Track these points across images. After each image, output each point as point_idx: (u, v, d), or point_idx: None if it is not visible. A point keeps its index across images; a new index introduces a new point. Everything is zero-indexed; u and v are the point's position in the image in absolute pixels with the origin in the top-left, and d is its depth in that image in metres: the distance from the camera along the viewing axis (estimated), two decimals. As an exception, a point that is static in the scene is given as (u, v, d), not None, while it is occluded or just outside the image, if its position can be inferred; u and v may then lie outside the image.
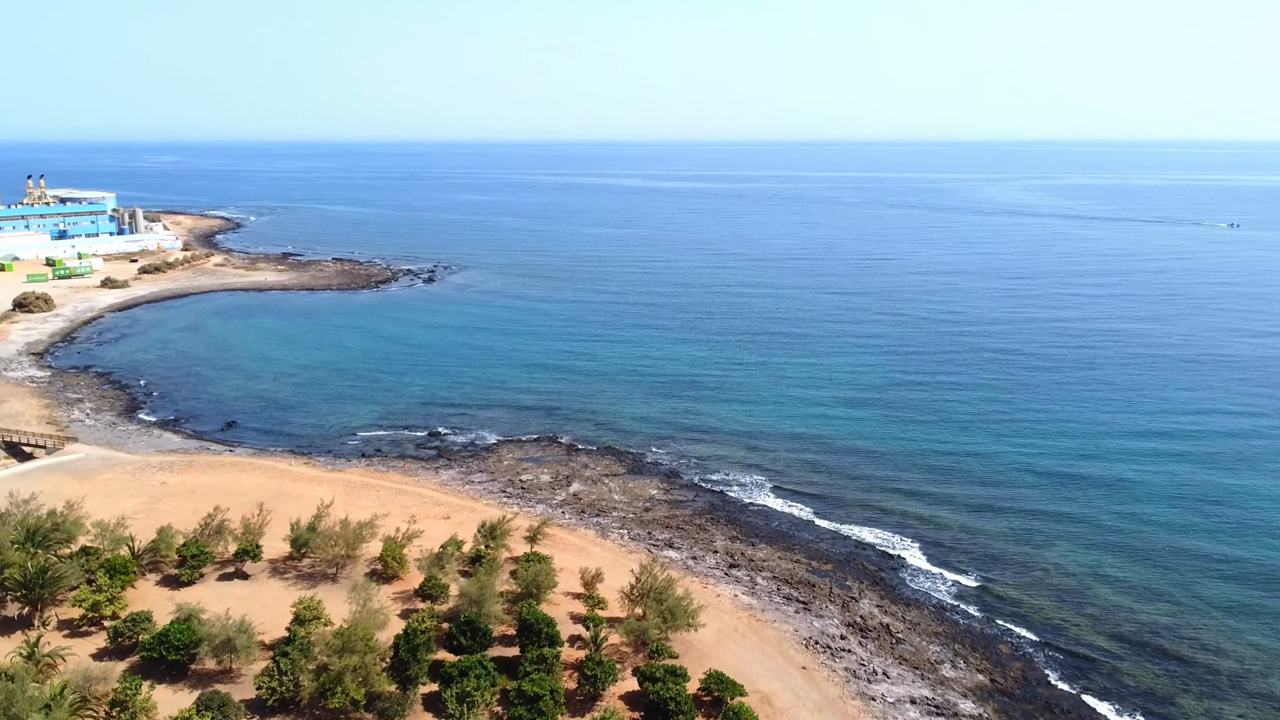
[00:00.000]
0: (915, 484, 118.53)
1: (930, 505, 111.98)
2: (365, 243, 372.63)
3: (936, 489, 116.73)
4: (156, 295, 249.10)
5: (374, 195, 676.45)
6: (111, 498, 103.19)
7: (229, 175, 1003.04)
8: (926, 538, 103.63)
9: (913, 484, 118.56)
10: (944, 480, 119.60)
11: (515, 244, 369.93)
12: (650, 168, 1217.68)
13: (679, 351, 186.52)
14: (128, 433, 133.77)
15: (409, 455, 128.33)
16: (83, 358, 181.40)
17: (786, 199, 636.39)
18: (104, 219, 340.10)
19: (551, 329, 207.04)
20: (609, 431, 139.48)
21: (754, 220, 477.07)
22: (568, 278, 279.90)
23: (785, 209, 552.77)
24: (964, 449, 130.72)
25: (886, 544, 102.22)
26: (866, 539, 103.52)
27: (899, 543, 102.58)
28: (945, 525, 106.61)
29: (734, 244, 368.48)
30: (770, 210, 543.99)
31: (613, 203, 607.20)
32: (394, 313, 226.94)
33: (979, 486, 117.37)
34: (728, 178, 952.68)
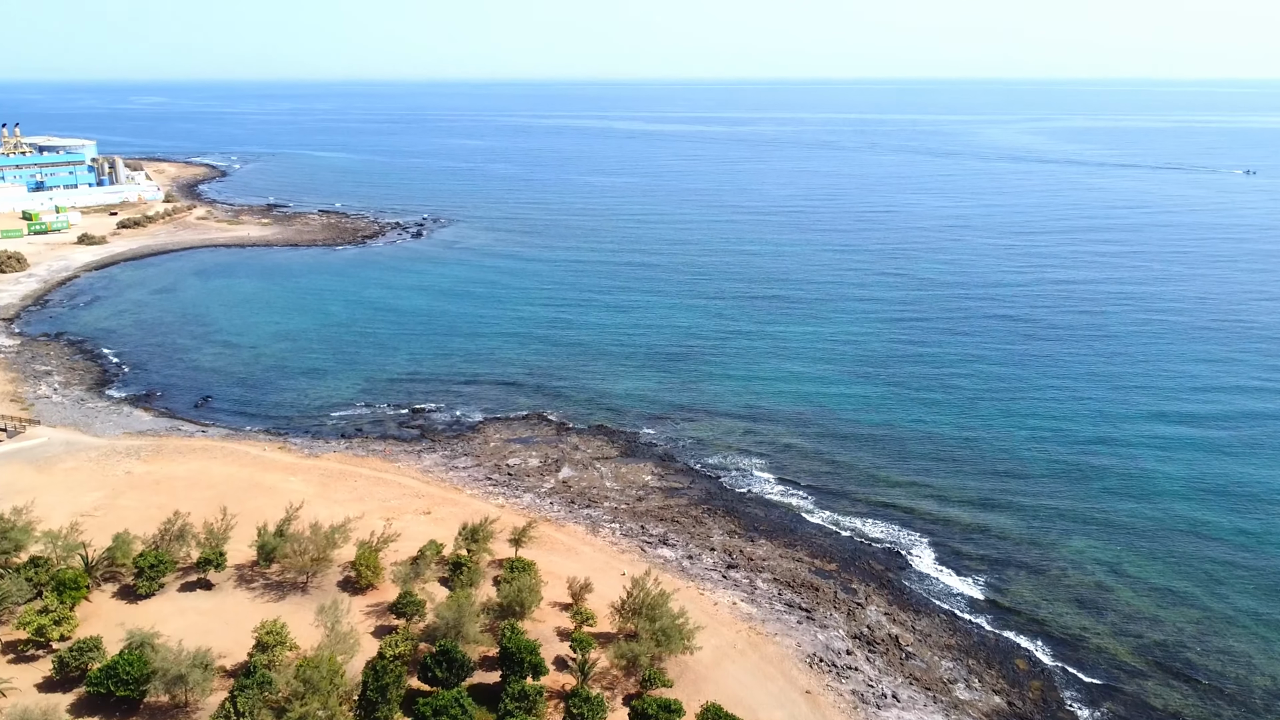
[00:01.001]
0: (921, 469, 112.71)
1: (938, 494, 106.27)
2: (352, 193, 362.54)
3: (943, 476, 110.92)
4: (135, 252, 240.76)
5: (363, 140, 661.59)
6: (72, 490, 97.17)
7: (216, 118, 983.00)
8: (934, 532, 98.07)
9: (919, 469, 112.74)
10: (951, 465, 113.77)
11: (506, 194, 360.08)
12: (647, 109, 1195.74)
13: (674, 317, 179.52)
14: (96, 410, 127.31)
15: (390, 435, 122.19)
16: (54, 323, 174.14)
17: (785, 143, 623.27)
18: (83, 169, 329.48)
19: (541, 291, 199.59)
20: (601, 409, 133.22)
21: (752, 167, 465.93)
22: (559, 232, 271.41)
23: (784, 154, 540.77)
24: (971, 429, 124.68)
25: (892, 539, 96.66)
26: (871, 533, 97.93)
27: (906, 538, 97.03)
28: (954, 518, 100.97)
29: (732, 194, 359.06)
30: (769, 156, 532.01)
31: (608, 148, 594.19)
32: (379, 273, 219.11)
33: (988, 473, 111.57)
34: (726, 120, 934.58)
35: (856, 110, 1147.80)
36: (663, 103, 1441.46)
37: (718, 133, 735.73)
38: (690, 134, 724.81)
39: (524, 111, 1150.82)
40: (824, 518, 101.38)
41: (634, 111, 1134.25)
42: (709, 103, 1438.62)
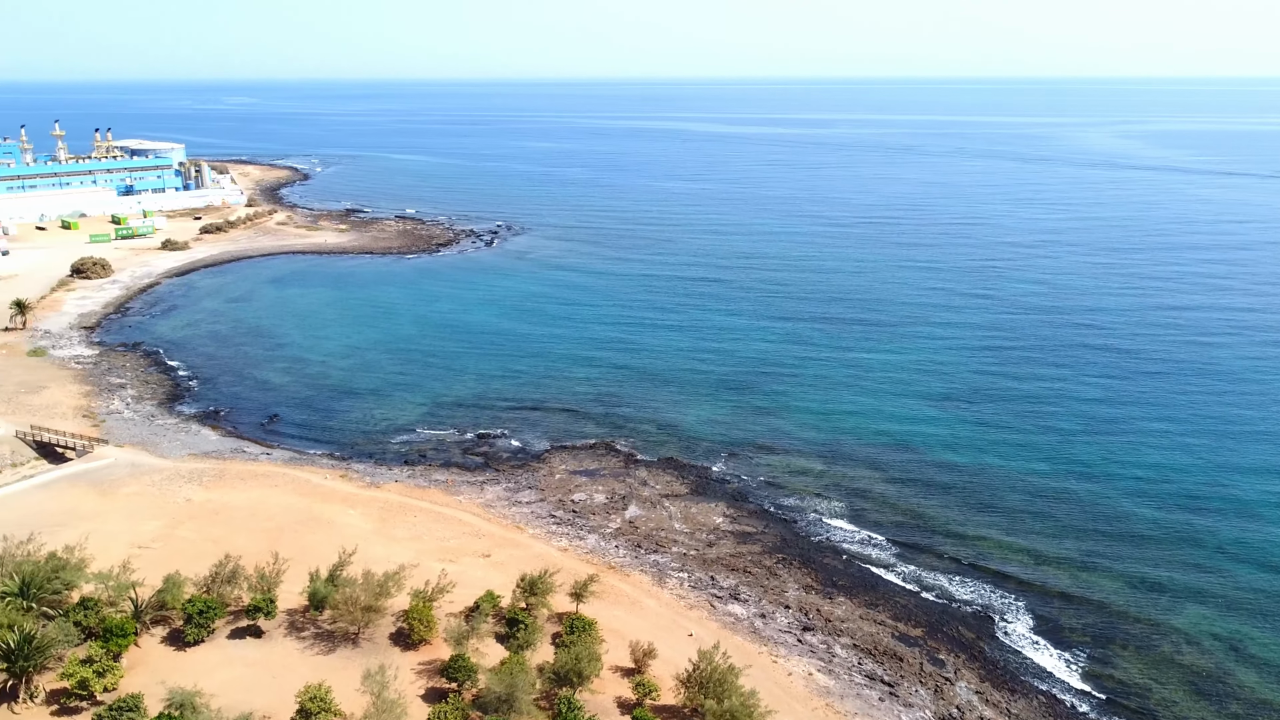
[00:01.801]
0: (1013, 520, 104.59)
1: (1032, 550, 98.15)
2: (429, 198, 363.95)
3: (1038, 529, 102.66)
4: (215, 259, 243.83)
5: (441, 142, 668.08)
6: (131, 518, 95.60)
7: (300, 119, 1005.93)
8: (1029, 594, 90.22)
9: (1010, 520, 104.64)
10: (1046, 517, 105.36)
11: (581, 200, 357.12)
12: (726, 111, 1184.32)
13: (748, 339, 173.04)
14: (164, 428, 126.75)
15: (454, 463, 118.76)
16: (132, 333, 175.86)
17: (866, 147, 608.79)
18: (170, 173, 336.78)
19: (612, 309, 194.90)
20: (671, 437, 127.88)
21: (832, 173, 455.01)
22: (632, 243, 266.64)
23: (865, 160, 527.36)
24: (1068, 476, 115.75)
25: (983, 602, 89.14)
26: (960, 594, 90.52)
27: (998, 600, 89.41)
28: (1050, 579, 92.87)
29: (810, 202, 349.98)
30: (849, 161, 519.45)
31: (684, 152, 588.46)
32: (450, 284, 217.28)
33: (1087, 527, 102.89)
34: (805, 122, 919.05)
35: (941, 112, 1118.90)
36: (741, 103, 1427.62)
37: (797, 135, 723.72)
38: (769, 137, 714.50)
39: (602, 113, 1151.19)
40: (907, 573, 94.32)
41: (713, 113, 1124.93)
42: (789, 103, 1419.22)
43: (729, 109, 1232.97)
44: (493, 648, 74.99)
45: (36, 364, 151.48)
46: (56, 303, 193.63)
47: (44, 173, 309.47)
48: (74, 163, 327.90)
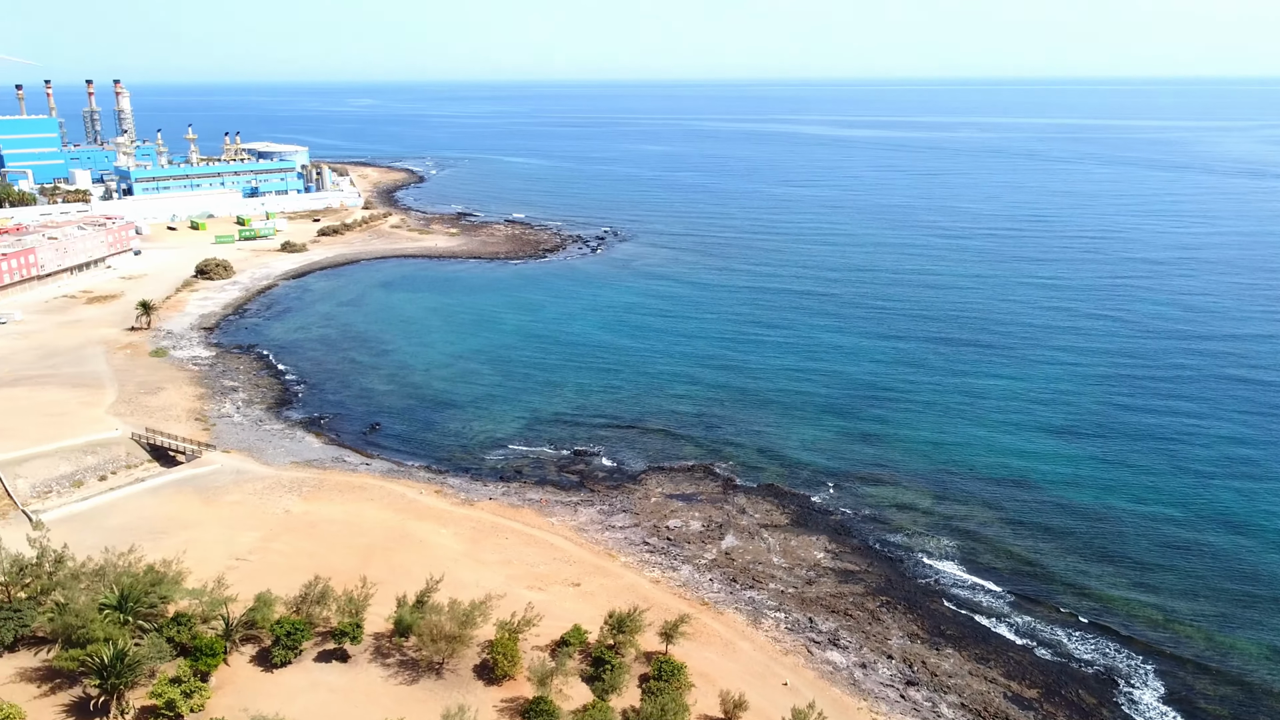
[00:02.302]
0: (1142, 568, 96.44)
1: (1163, 604, 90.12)
2: (538, 202, 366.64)
3: (1171, 579, 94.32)
4: (331, 261, 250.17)
5: (553, 145, 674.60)
6: (231, 528, 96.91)
7: (419, 121, 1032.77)
8: (1159, 655, 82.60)
9: (1139, 568, 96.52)
10: (1181, 566, 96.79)
11: (689, 206, 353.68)
12: (839, 112, 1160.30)
13: (857, 358, 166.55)
14: (271, 434, 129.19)
15: (549, 481, 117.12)
16: (248, 334, 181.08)
17: (987, 152, 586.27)
18: (292, 176, 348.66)
19: (716, 322, 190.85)
20: (772, 462, 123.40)
21: (950, 180, 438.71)
22: (739, 253, 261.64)
23: (986, 166, 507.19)
24: (1206, 520, 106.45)
25: (1107, 662, 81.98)
26: (1080, 652, 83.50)
27: (1123, 661, 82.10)
28: (1184, 638, 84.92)
29: (926, 211, 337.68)
30: (969, 167, 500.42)
31: (796, 156, 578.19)
32: (555, 291, 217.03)
33: (1227, 581, 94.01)
34: (923, 125, 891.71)
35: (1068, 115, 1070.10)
36: (855, 105, 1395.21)
37: (914, 139, 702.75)
38: (884, 140, 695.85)
39: (714, 114, 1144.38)
40: (1022, 625, 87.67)
41: (826, 114, 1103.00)
42: (906, 105, 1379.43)
43: (844, 111, 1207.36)
44: (577, 688, 72.41)
45: (157, 364, 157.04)
46: (180, 303, 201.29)
47: (176, 175, 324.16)
48: (204, 165, 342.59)
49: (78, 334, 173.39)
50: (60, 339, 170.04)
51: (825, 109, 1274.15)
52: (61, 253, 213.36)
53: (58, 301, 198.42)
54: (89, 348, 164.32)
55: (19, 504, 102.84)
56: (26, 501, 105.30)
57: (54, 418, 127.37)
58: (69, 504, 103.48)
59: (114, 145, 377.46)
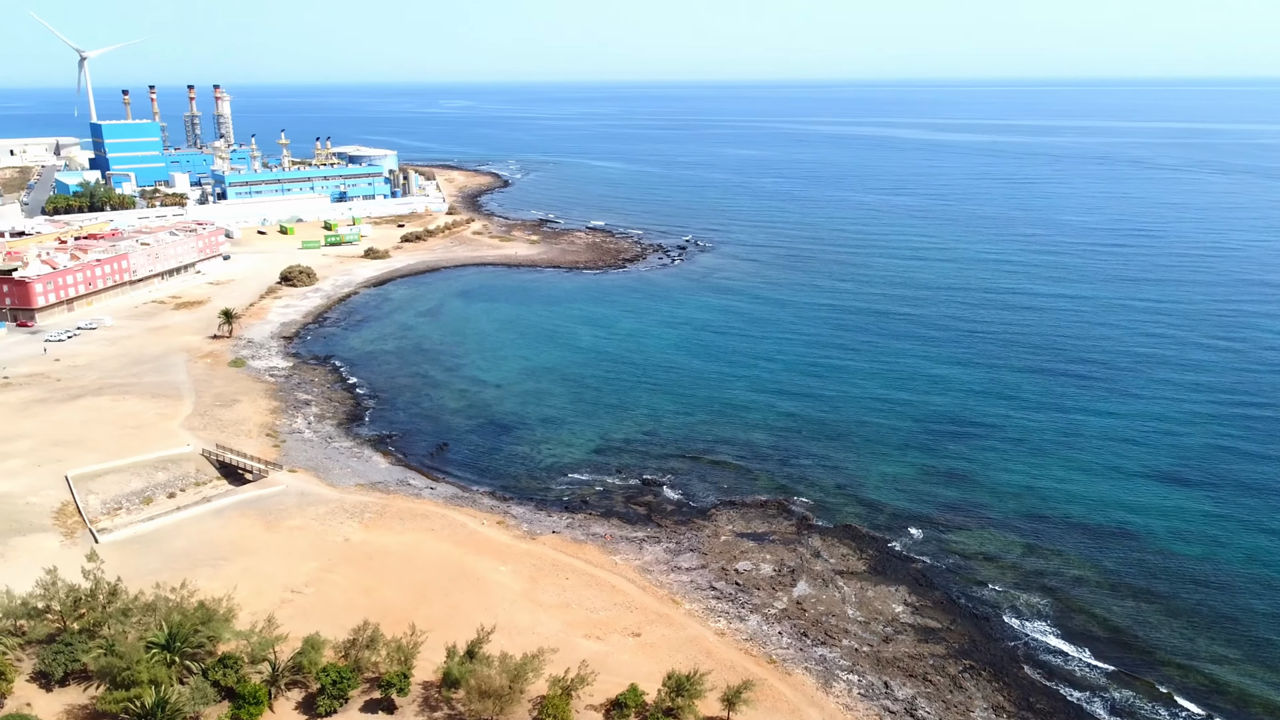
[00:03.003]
0: (1260, 643, 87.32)
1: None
2: (620, 208, 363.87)
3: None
4: (412, 268, 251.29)
5: (639, 148, 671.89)
6: (289, 558, 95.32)
7: (509, 123, 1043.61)
8: (1284, 751, 73.93)
9: (1257, 641, 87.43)
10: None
11: (772, 215, 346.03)
12: (932, 114, 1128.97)
13: (946, 384, 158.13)
14: (338, 452, 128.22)
15: (615, 513, 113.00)
16: (326, 345, 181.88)
17: (1091, 159, 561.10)
18: (380, 181, 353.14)
19: (797, 341, 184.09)
20: (850, 499, 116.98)
21: (1050, 190, 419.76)
22: (824, 266, 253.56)
23: (1088, 174, 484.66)
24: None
25: (1222, 755, 73.73)
26: (1191, 740, 75.41)
27: (1241, 754, 73.72)
28: (1314, 731, 75.95)
29: (1024, 223, 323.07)
30: (1069, 175, 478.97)
31: (887, 161, 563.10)
32: (633, 304, 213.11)
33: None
34: (1021, 128, 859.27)
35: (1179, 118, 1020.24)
36: (947, 107, 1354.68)
37: (1010, 144, 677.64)
38: (978, 145, 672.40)
39: (803, 117, 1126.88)
40: (1120, 702, 79.90)
41: (917, 117, 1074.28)
42: (1000, 107, 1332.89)
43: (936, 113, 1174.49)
44: (630, 757, 67.89)
45: (235, 375, 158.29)
46: (263, 310, 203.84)
47: (268, 179, 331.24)
48: (295, 170, 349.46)
49: (163, 341, 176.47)
50: (146, 346, 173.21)
51: (916, 111, 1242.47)
52: (153, 258, 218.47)
53: (147, 307, 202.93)
54: (172, 355, 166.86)
55: (87, 521, 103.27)
56: (96, 519, 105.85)
57: (131, 430, 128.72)
58: (135, 524, 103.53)
59: (211, 149, 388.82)
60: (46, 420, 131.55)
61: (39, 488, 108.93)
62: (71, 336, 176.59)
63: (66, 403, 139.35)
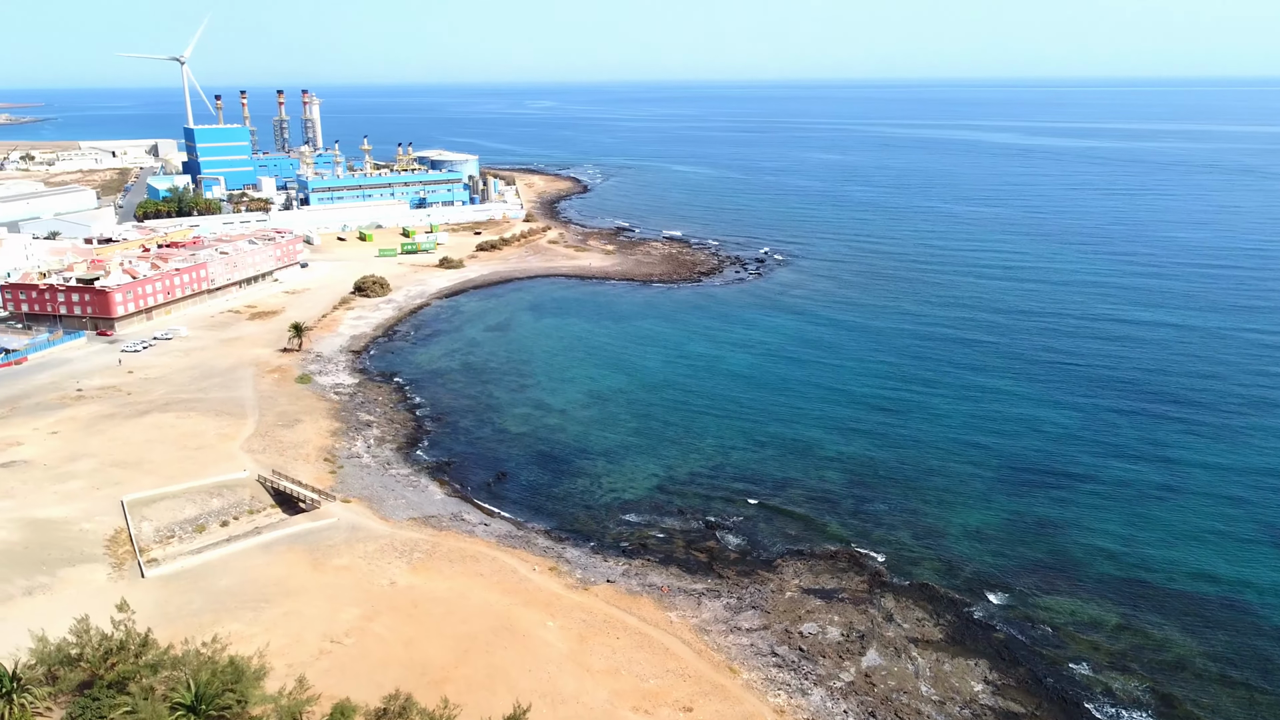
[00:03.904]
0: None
1: None
2: (698, 216, 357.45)
3: None
4: (485, 279, 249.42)
5: (721, 151, 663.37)
6: (332, 600, 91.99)
7: (592, 124, 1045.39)
8: None
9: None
10: None
11: (856, 226, 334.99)
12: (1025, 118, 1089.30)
13: (1036, 421, 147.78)
14: (395, 480, 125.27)
15: (675, 560, 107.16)
16: (393, 360, 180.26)
17: (1198, 167, 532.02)
18: (458, 187, 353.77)
19: (877, 367, 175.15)
20: (929, 552, 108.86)
21: (1153, 202, 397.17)
22: (908, 284, 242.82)
23: (1196, 184, 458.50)
24: None
25: None
26: None
27: None
28: None
29: (1124, 238, 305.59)
30: (1176, 185, 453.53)
31: (977, 168, 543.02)
32: (706, 322, 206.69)
33: None
34: (1121, 133, 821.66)
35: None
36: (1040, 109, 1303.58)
37: (1111, 150, 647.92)
38: (1075, 151, 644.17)
39: (891, 119, 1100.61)
40: (1236, 818, 70.66)
41: (1010, 120, 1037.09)
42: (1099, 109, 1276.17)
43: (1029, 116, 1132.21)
44: None
45: (300, 392, 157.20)
46: (334, 322, 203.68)
47: (349, 185, 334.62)
48: (376, 175, 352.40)
49: (234, 353, 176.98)
50: (217, 358, 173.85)
51: (1009, 113, 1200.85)
52: (231, 267, 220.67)
53: (223, 316, 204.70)
54: (241, 369, 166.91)
55: (138, 551, 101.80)
56: (148, 547, 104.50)
57: (191, 451, 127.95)
58: (182, 557, 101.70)
59: (298, 154, 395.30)
60: (112, 437, 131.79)
61: (94, 513, 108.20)
62: (147, 347, 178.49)
63: (133, 419, 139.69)
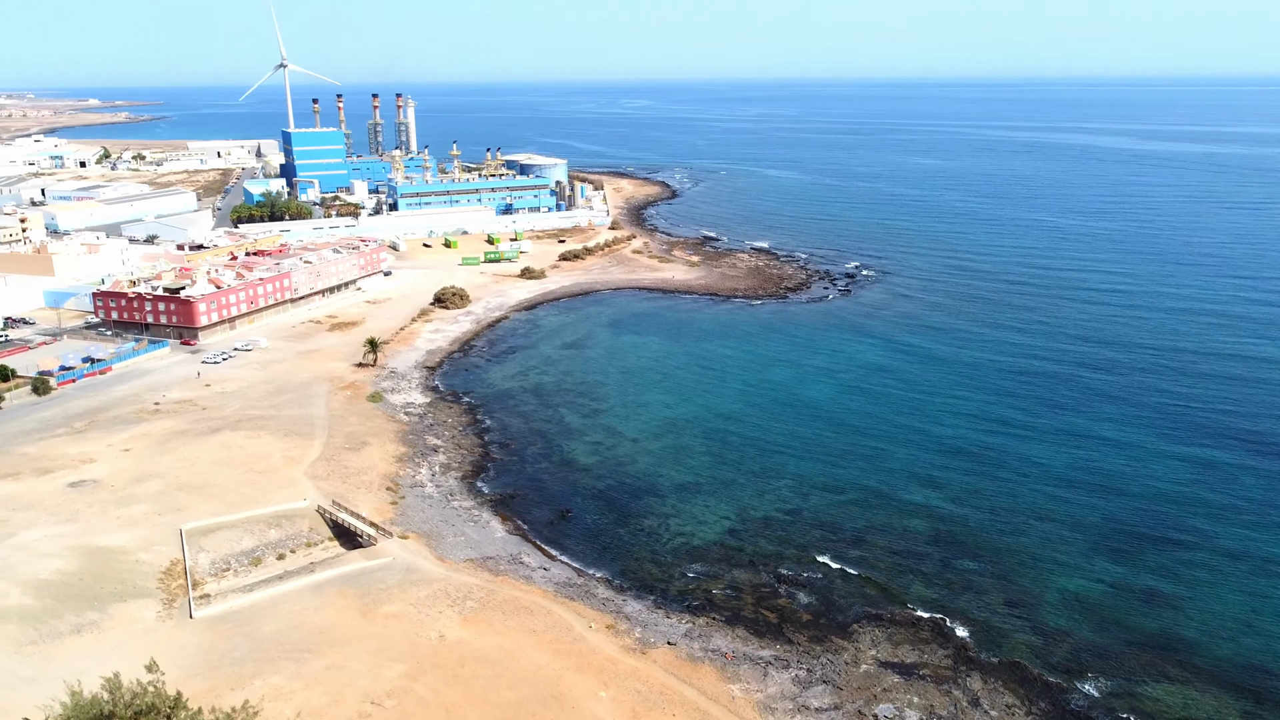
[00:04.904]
0: None
1: None
2: (788, 226, 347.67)
3: None
4: (566, 291, 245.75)
5: (816, 155, 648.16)
6: (377, 655, 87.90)
7: (686, 125, 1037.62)
8: None
9: None
10: None
11: (955, 239, 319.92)
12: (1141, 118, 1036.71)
13: (1147, 469, 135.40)
14: (456, 514, 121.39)
15: (742, 619, 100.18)
16: (466, 379, 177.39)
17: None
18: (545, 193, 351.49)
19: (972, 399, 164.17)
20: (1022, 623, 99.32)
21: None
22: (1009, 307, 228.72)
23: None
24: None
25: None
26: None
27: None
28: None
29: (1248, 260, 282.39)
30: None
31: (1087, 176, 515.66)
32: (790, 344, 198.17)
33: None
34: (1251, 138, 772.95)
35: None
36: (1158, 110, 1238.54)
37: (1238, 157, 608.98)
38: (1196, 157, 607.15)
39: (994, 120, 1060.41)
40: None
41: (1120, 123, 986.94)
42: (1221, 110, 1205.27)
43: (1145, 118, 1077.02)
44: None
45: (370, 412, 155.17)
46: (411, 335, 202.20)
47: (437, 190, 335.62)
48: (464, 181, 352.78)
49: (310, 367, 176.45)
50: (294, 372, 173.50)
51: (1119, 115, 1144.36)
52: (314, 276, 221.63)
53: (304, 327, 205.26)
54: (315, 385, 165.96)
55: (190, 587, 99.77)
56: (202, 580, 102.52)
57: (256, 475, 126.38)
58: (233, 597, 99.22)
59: (389, 158, 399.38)
60: (180, 457, 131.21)
61: (153, 541, 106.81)
62: (227, 358, 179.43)
63: (204, 437, 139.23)
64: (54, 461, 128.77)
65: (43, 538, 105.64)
